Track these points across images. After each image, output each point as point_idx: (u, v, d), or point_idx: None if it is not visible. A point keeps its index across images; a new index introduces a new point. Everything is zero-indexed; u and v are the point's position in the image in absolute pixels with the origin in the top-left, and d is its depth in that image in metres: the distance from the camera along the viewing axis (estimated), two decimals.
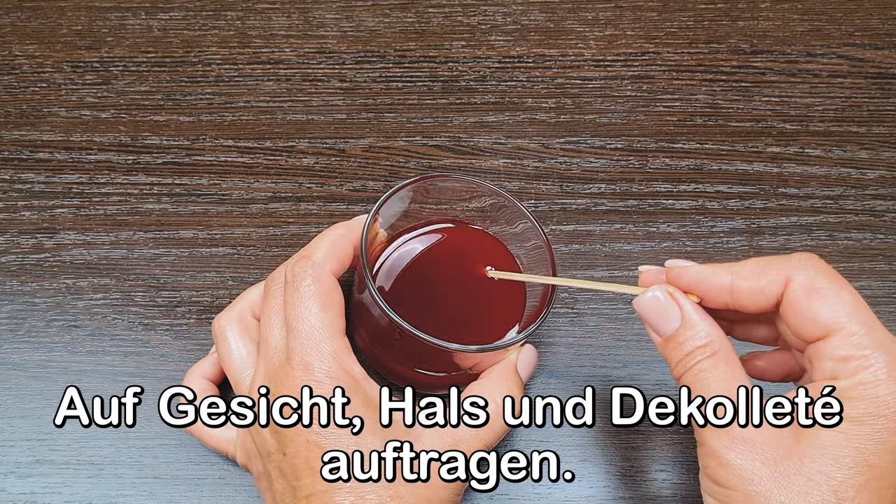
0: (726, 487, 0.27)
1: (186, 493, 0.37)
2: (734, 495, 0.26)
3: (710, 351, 0.28)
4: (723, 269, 0.29)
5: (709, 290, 0.29)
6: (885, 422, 0.25)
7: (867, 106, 0.50)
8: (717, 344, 0.28)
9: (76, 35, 0.50)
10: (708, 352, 0.28)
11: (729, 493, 0.27)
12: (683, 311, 0.29)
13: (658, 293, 0.29)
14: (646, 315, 0.30)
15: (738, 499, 0.26)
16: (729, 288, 0.29)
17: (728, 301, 0.29)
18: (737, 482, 0.26)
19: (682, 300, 0.29)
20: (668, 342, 0.29)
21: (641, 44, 0.52)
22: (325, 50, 0.50)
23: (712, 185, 0.46)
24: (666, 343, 0.29)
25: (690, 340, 0.28)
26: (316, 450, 0.30)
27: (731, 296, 0.29)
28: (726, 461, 0.26)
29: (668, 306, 0.29)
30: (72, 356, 0.40)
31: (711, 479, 0.27)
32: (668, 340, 0.29)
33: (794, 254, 0.29)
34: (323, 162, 0.46)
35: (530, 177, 0.46)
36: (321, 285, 0.32)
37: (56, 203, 0.44)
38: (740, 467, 0.26)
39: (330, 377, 0.31)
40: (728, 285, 0.29)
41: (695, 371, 0.28)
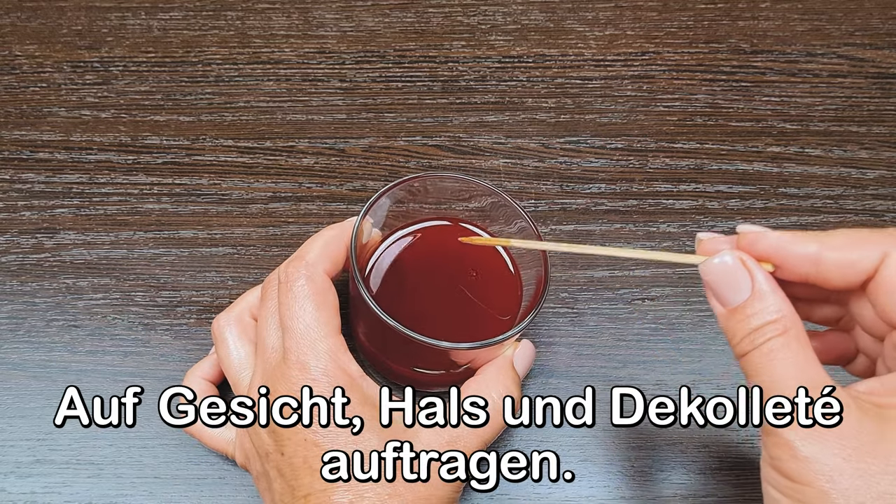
0: (799, 483, 0.24)
1: (186, 493, 0.37)
2: (808, 491, 0.24)
3: (781, 328, 0.25)
4: (809, 238, 0.26)
5: (789, 260, 0.26)
6: None
7: (867, 106, 0.50)
8: (789, 321, 0.25)
9: (76, 35, 0.50)
10: (779, 328, 0.25)
11: (802, 489, 0.24)
12: (754, 281, 0.26)
13: (727, 258, 0.26)
14: (711, 282, 0.27)
15: (811, 495, 0.24)
16: (814, 258, 0.26)
17: (810, 273, 0.26)
18: (812, 478, 0.24)
19: (754, 268, 0.26)
20: (734, 314, 0.26)
21: (641, 44, 0.52)
22: (325, 50, 0.50)
23: (712, 184, 0.46)
24: (731, 315, 0.26)
25: (760, 314, 0.25)
26: (314, 449, 0.30)
27: (816, 267, 0.26)
28: (802, 454, 0.24)
29: (739, 273, 0.26)
30: (72, 356, 0.40)
31: (781, 473, 0.25)
32: (734, 312, 0.26)
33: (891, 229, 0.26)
34: (323, 162, 0.46)
35: (530, 177, 0.46)
36: (314, 285, 0.32)
37: (56, 203, 0.44)
38: (818, 461, 0.24)
39: (327, 375, 0.31)
40: (813, 255, 0.26)
41: (764, 350, 0.25)
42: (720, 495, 0.38)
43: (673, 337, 0.42)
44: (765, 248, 0.27)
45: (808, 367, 0.25)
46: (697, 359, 0.41)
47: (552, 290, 0.43)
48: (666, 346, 0.41)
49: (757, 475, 0.38)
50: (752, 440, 0.39)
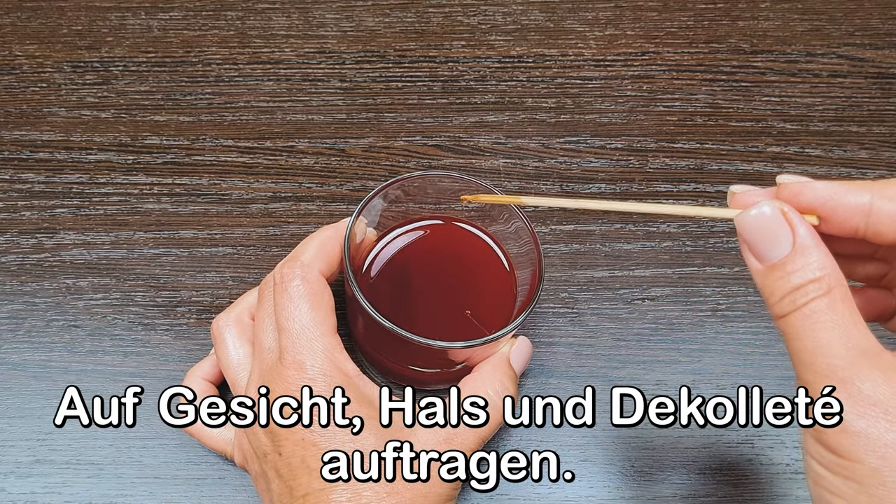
0: (849, 459, 0.22)
1: (186, 493, 0.37)
2: (858, 469, 0.22)
3: (825, 287, 0.23)
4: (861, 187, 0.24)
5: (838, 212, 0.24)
6: None
7: (867, 106, 0.50)
8: (833, 279, 0.23)
9: (76, 35, 0.50)
10: (823, 288, 0.23)
11: (851, 466, 0.22)
12: (797, 235, 0.24)
13: (766, 209, 0.24)
14: (747, 234, 0.24)
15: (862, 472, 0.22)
16: (866, 209, 0.24)
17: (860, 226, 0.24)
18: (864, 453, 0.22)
19: (797, 220, 0.24)
20: (773, 271, 0.24)
21: (641, 44, 0.52)
22: (325, 50, 0.50)
23: (712, 185, 0.46)
24: (769, 272, 0.24)
25: (802, 271, 0.23)
26: (312, 449, 0.30)
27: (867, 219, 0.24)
28: (852, 428, 0.22)
29: (779, 226, 0.24)
30: (72, 356, 0.40)
31: (828, 448, 0.23)
32: (773, 269, 0.24)
33: None
34: (323, 162, 0.46)
35: (530, 177, 0.46)
36: (310, 285, 0.32)
37: (56, 203, 0.44)
38: (870, 437, 0.22)
39: (323, 375, 0.31)
40: (866, 206, 0.24)
41: (806, 311, 0.23)
42: (720, 495, 0.38)
43: (673, 337, 0.42)
44: (810, 199, 0.25)
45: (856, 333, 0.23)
46: (697, 359, 0.41)
47: (552, 289, 0.43)
48: (666, 346, 0.41)
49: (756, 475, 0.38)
50: (753, 440, 0.39)
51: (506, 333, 0.33)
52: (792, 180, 0.25)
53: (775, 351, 0.41)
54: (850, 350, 0.23)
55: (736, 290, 0.43)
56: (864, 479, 0.22)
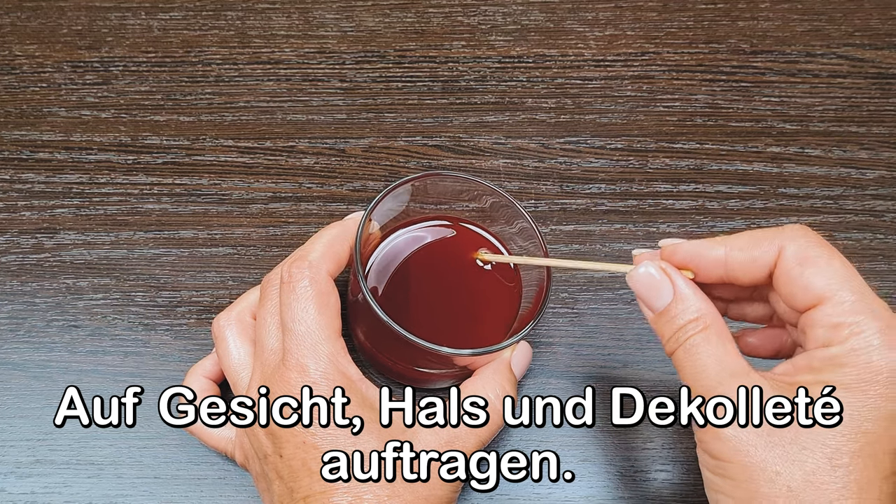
0: (722, 460, 0.27)
1: (186, 493, 0.37)
2: (730, 467, 0.26)
3: (702, 325, 0.28)
4: (716, 243, 0.29)
5: (703, 264, 0.29)
6: (879, 388, 0.26)
7: (867, 106, 0.50)
8: (709, 318, 0.28)
9: (76, 35, 0.50)
10: (700, 326, 0.28)
11: (725, 466, 0.27)
12: (675, 286, 0.29)
13: (651, 269, 0.29)
14: (638, 290, 0.29)
15: (734, 470, 0.26)
16: (723, 260, 0.29)
17: (722, 274, 0.29)
18: (732, 454, 0.26)
19: (674, 274, 0.29)
20: (661, 317, 0.29)
21: (641, 44, 0.52)
22: (325, 50, 0.50)
23: (712, 185, 0.46)
24: (658, 318, 0.29)
25: (682, 314, 0.28)
26: (313, 451, 0.30)
27: (726, 268, 0.29)
28: (722, 434, 0.27)
29: (660, 281, 0.29)
30: (72, 356, 0.40)
31: (708, 453, 0.27)
32: (661, 315, 0.29)
33: (786, 225, 0.29)
34: (323, 162, 0.46)
35: (530, 177, 0.46)
36: (318, 286, 0.32)
37: (56, 203, 0.44)
38: (735, 439, 0.26)
39: (326, 378, 0.31)
40: (722, 258, 0.29)
41: (687, 346, 0.28)
42: None
43: None
44: (682, 257, 0.29)
45: (727, 358, 0.27)
46: None
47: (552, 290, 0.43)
48: None
49: None
50: None
51: (511, 343, 0.33)
52: (668, 243, 0.30)
53: None
54: (720, 373, 0.27)
55: None
56: (737, 476, 0.26)
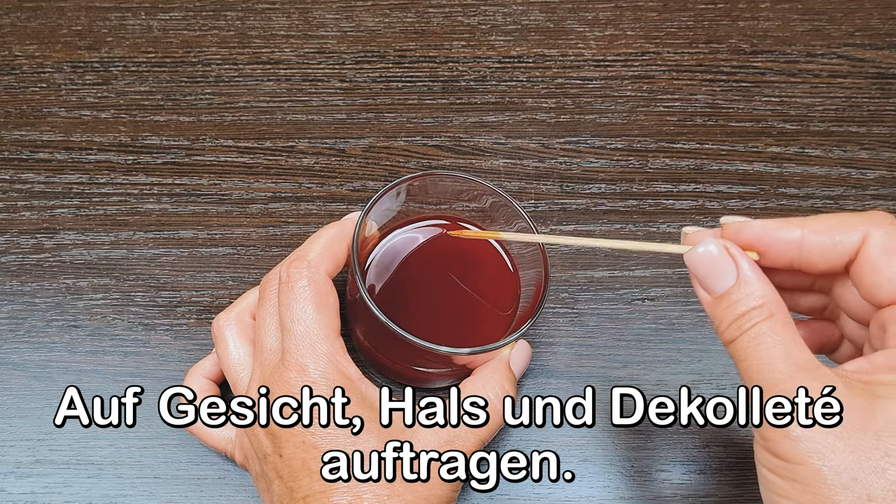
0: (792, 462, 0.24)
1: (186, 493, 0.37)
2: (800, 470, 0.24)
3: (766, 312, 0.25)
4: (791, 223, 0.27)
5: (774, 246, 0.27)
6: None
7: (867, 106, 0.50)
8: (774, 305, 0.26)
9: (76, 35, 0.50)
10: (765, 313, 0.25)
11: (794, 468, 0.24)
12: (739, 268, 0.26)
13: (712, 247, 0.26)
14: (696, 270, 0.27)
15: (804, 474, 0.24)
16: (798, 242, 0.26)
17: (794, 258, 0.27)
18: (804, 456, 0.24)
19: (739, 255, 0.26)
20: (720, 301, 0.26)
21: (641, 44, 0.52)
22: (325, 50, 0.50)
23: (712, 185, 0.46)
24: (717, 302, 0.26)
25: (746, 300, 0.26)
26: (313, 451, 0.30)
27: (800, 251, 0.27)
28: (793, 434, 0.24)
29: (723, 261, 0.26)
30: (72, 356, 0.40)
31: (772, 453, 0.25)
32: (720, 299, 0.26)
33: (870, 211, 0.27)
34: (323, 162, 0.46)
35: (530, 177, 0.46)
36: (316, 286, 0.32)
37: (56, 203, 0.44)
38: (809, 440, 0.24)
39: (325, 378, 0.31)
40: (797, 240, 0.26)
41: (751, 334, 0.25)
42: (720, 495, 0.38)
43: (673, 337, 0.42)
44: (749, 236, 0.27)
45: (796, 351, 0.25)
46: (697, 359, 0.41)
47: (552, 290, 0.43)
48: (666, 346, 0.41)
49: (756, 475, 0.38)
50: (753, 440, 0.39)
51: (510, 341, 0.33)
52: (733, 220, 0.28)
53: None
54: (790, 366, 0.25)
55: None
56: (808, 480, 0.24)
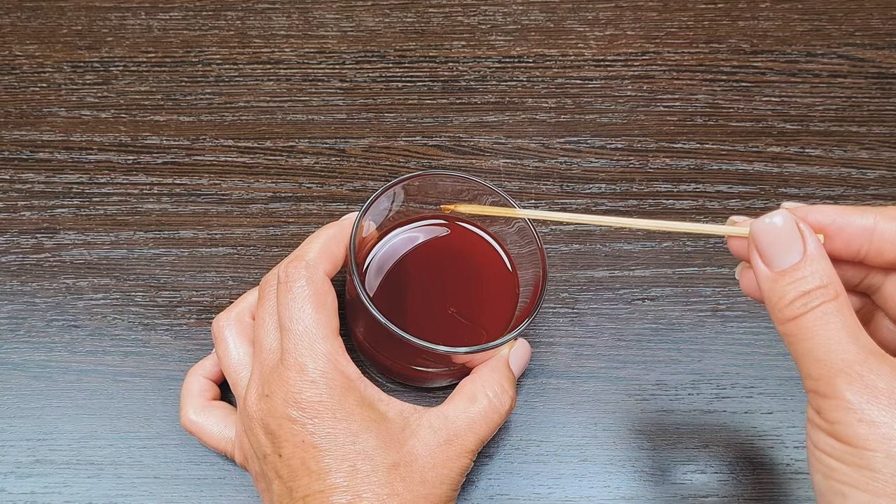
0: (864, 447, 0.23)
1: (186, 493, 0.37)
2: (871, 457, 0.23)
3: (833, 293, 0.25)
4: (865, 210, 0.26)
5: (845, 230, 0.26)
6: None
7: (867, 106, 0.50)
8: (838, 287, 0.25)
9: (76, 35, 0.50)
10: (831, 293, 0.25)
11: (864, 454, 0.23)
12: (807, 244, 0.25)
13: (779, 219, 0.25)
14: (761, 241, 0.26)
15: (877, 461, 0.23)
16: (871, 229, 0.26)
17: (863, 247, 0.26)
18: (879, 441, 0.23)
19: (807, 232, 0.25)
20: (783, 276, 0.25)
21: (641, 44, 0.52)
22: (325, 50, 0.50)
23: (712, 185, 0.46)
24: (780, 277, 0.25)
25: (812, 277, 0.25)
26: (312, 451, 0.30)
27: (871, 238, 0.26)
28: (868, 417, 0.23)
29: (791, 235, 0.25)
30: (72, 356, 0.40)
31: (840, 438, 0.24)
32: (783, 274, 0.25)
33: None
34: (323, 162, 0.46)
35: (530, 177, 0.46)
36: (315, 286, 0.32)
37: (56, 203, 0.44)
38: (885, 425, 0.23)
39: (325, 377, 0.31)
40: (870, 227, 0.26)
41: (818, 312, 0.24)
42: (720, 495, 0.38)
43: (673, 337, 0.42)
44: (819, 218, 0.26)
45: (862, 334, 0.25)
46: (697, 359, 0.41)
47: (552, 289, 0.43)
48: (666, 346, 0.41)
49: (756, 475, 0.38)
50: (753, 440, 0.39)
51: (508, 340, 0.33)
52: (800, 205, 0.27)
53: (775, 351, 0.41)
54: (862, 348, 0.24)
55: (736, 291, 0.43)
56: (879, 467, 0.23)
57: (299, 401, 0.30)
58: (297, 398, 0.30)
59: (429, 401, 0.39)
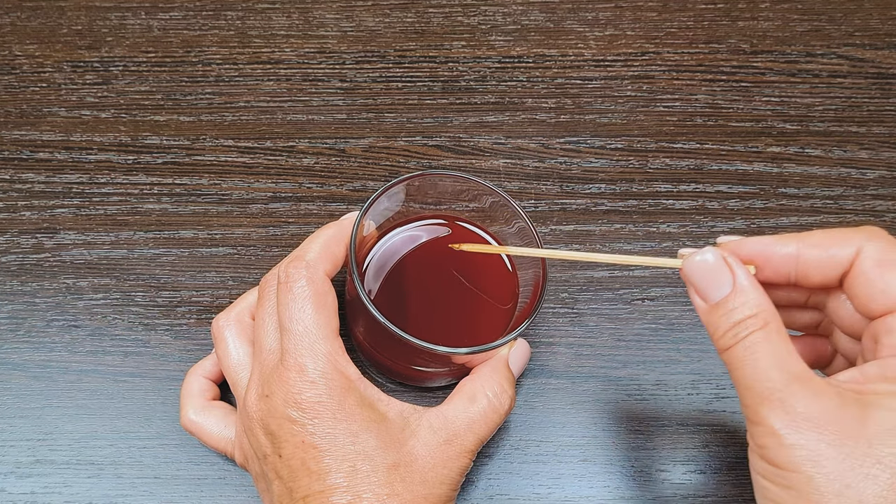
0: (787, 469, 0.25)
1: (186, 493, 0.37)
2: (794, 477, 0.25)
3: (761, 321, 0.26)
4: (787, 238, 0.28)
5: (772, 260, 0.28)
6: None
7: (867, 106, 0.50)
8: (769, 314, 0.26)
9: (76, 35, 0.50)
10: (760, 322, 0.26)
11: (788, 476, 0.25)
12: (736, 277, 0.27)
13: (709, 255, 0.27)
14: (693, 278, 0.28)
15: (798, 481, 0.24)
16: (795, 256, 0.27)
17: (791, 272, 0.28)
18: (799, 464, 0.24)
19: (735, 264, 0.27)
20: (716, 309, 0.27)
21: (641, 44, 0.52)
22: (325, 50, 0.50)
23: (712, 185, 0.46)
24: (713, 310, 0.27)
25: (741, 309, 0.26)
26: (312, 451, 0.30)
27: (797, 266, 0.27)
28: (788, 441, 0.25)
29: (719, 269, 0.27)
30: (72, 356, 0.40)
31: (768, 461, 0.26)
32: (716, 307, 0.27)
33: (863, 226, 0.27)
34: (323, 162, 0.46)
35: (530, 177, 0.46)
36: (315, 286, 0.32)
37: (56, 203, 0.44)
38: (804, 448, 0.24)
39: (325, 378, 0.31)
40: (794, 254, 0.27)
41: (746, 343, 0.26)
42: (720, 495, 0.38)
43: (673, 337, 0.42)
44: (748, 251, 0.28)
45: (790, 359, 0.26)
46: (697, 359, 0.41)
47: (552, 289, 0.43)
48: (666, 346, 0.41)
49: None
50: None
51: (508, 340, 0.33)
52: (730, 239, 0.29)
53: None
54: (785, 375, 0.25)
55: None
56: (802, 487, 0.24)
57: (299, 401, 0.30)
58: (297, 399, 0.30)
59: (429, 401, 0.39)
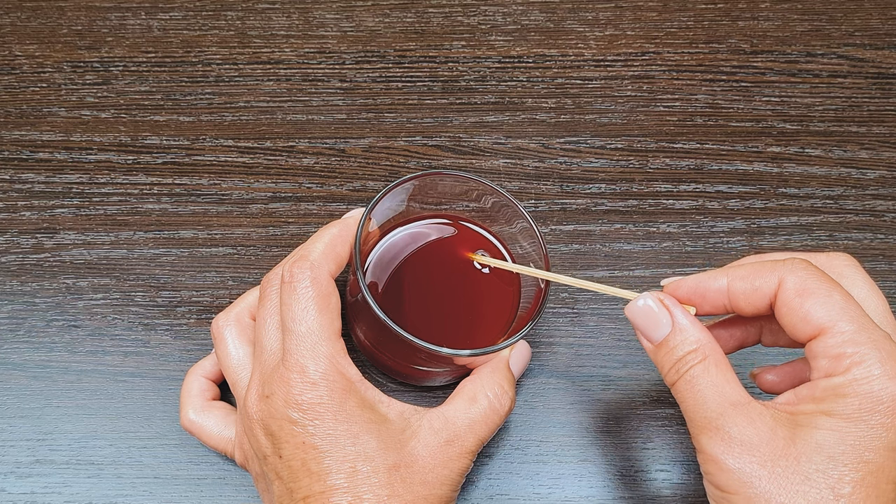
0: (728, 492, 0.27)
1: (186, 493, 0.37)
2: (735, 499, 0.27)
3: (700, 356, 0.28)
4: (719, 273, 0.30)
5: (707, 296, 0.30)
6: (880, 418, 0.26)
7: (867, 106, 0.50)
8: (707, 349, 0.28)
9: (76, 35, 0.50)
10: (699, 356, 0.28)
11: (730, 497, 0.27)
12: (674, 317, 0.29)
13: (649, 300, 0.30)
14: (636, 322, 0.30)
15: (738, 502, 0.27)
16: (725, 290, 0.30)
17: (725, 304, 0.30)
18: (737, 486, 0.26)
19: (672, 305, 0.29)
20: (660, 348, 0.29)
21: (641, 44, 0.52)
22: (325, 50, 0.50)
23: (712, 185, 0.46)
24: (657, 350, 0.30)
25: (681, 345, 0.29)
26: (312, 452, 0.30)
27: (728, 298, 0.30)
28: (726, 466, 0.27)
29: (658, 312, 0.29)
30: (72, 356, 0.40)
31: (714, 485, 0.28)
32: (659, 347, 0.29)
33: (787, 259, 0.29)
34: (323, 162, 0.46)
35: (530, 177, 0.46)
36: (319, 287, 0.32)
37: (56, 203, 0.44)
38: (740, 471, 0.26)
39: (326, 379, 0.31)
40: (724, 288, 0.30)
41: (687, 377, 0.28)
42: None
43: None
44: (685, 290, 0.30)
45: (727, 388, 0.28)
46: None
47: (552, 290, 0.43)
48: None
49: None
50: None
51: (510, 344, 0.33)
52: (670, 280, 0.31)
53: (775, 351, 0.41)
54: (721, 403, 0.27)
55: None
56: None
57: (300, 402, 0.30)
58: (297, 399, 0.30)
59: (429, 401, 0.39)
